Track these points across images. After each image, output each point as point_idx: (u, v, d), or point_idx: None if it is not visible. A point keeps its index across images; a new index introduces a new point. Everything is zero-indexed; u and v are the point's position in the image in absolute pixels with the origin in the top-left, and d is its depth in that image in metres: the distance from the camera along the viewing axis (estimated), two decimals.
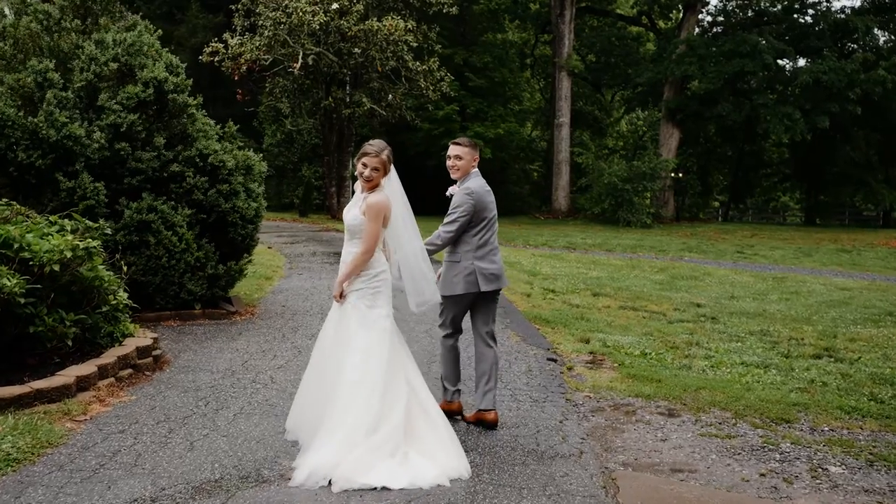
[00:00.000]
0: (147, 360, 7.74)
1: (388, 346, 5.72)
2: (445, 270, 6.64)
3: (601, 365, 8.88)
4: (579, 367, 8.71)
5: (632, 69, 47.45)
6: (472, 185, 6.61)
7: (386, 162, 5.81)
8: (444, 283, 6.58)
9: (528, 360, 8.88)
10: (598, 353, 9.47)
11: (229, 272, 10.71)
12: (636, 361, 9.05)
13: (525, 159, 52.31)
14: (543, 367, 8.62)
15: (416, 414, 5.70)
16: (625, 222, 36.91)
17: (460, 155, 6.62)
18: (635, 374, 8.32)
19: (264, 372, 7.94)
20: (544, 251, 24.21)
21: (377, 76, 31.90)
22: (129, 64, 10.19)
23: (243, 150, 11.34)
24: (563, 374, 8.38)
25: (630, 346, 9.96)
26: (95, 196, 9.54)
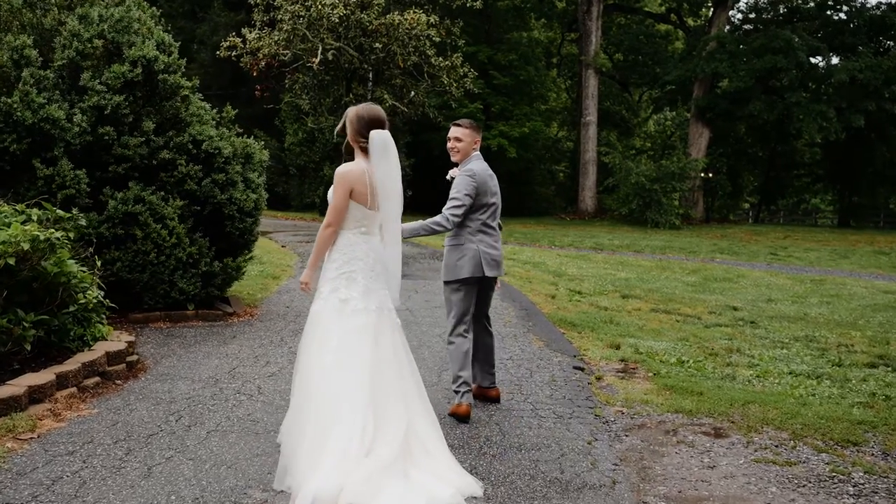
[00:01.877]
0: (119, 367, 6.84)
1: (371, 346, 4.83)
2: (448, 255, 6.35)
3: (634, 374, 7.91)
4: (609, 377, 7.73)
5: (660, 67, 46.86)
6: (473, 167, 6.31)
7: (353, 122, 5.08)
8: (447, 269, 6.34)
9: (552, 369, 7.91)
10: (629, 360, 8.49)
11: (226, 270, 9.80)
12: (673, 370, 8.07)
13: (551, 159, 51.77)
14: (569, 376, 7.64)
15: (420, 433, 4.79)
16: (653, 223, 36.13)
17: (460, 137, 6.37)
18: (673, 386, 7.33)
19: (252, 381, 7.02)
20: (570, 252, 23.29)
21: (399, 72, 31.10)
22: (117, 41, 9.31)
23: (242, 136, 10.42)
24: (592, 384, 7.40)
25: (665, 352, 8.99)
26: (76, 185, 8.66)
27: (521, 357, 8.38)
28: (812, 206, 62.90)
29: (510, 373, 7.67)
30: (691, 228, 36.75)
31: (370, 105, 5.15)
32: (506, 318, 10.76)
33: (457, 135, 6.34)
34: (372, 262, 5.03)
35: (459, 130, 6.35)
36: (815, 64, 41.47)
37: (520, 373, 7.69)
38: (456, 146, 6.34)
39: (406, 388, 4.91)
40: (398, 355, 4.97)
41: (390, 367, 4.86)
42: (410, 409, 4.83)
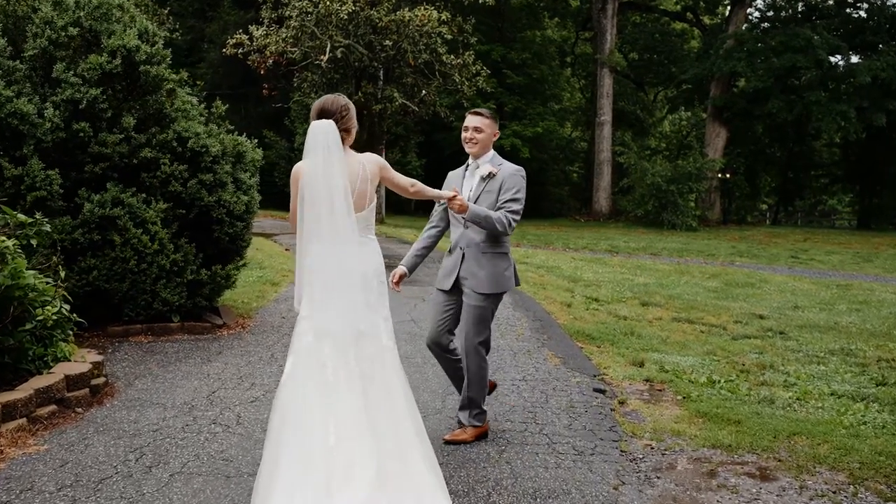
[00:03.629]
0: (80, 393, 6.06)
1: (305, 375, 4.17)
2: (494, 264, 5.62)
3: (661, 397, 7.09)
4: (634, 401, 6.92)
5: (676, 66, 46.03)
6: (508, 165, 5.74)
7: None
8: (495, 280, 5.63)
9: (570, 392, 7.09)
10: (655, 379, 7.68)
11: (214, 278, 9.02)
12: (704, 392, 7.25)
13: (565, 160, 51.11)
14: (589, 401, 6.82)
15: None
16: (669, 225, 35.33)
17: (481, 127, 5.67)
18: (706, 412, 6.51)
19: (232, 407, 6.23)
20: (585, 255, 22.47)
21: (410, 70, 30.31)
22: (95, 30, 8.54)
23: (232, 133, 9.64)
24: (615, 410, 6.59)
25: (692, 369, 8.19)
26: (47, 186, 7.89)
27: (535, 377, 7.57)
28: (829, 208, 61.89)
29: (523, 397, 6.86)
30: (708, 230, 35.90)
31: (326, 96, 4.61)
32: (518, 330, 9.97)
33: (476, 124, 5.65)
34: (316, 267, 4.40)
35: (480, 120, 5.67)
36: (835, 63, 40.49)
37: (534, 397, 6.88)
38: (475, 137, 5.65)
39: (378, 404, 4.20)
40: (375, 372, 4.29)
41: (337, 385, 4.18)
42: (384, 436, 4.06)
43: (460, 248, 5.63)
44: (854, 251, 27.00)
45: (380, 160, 4.66)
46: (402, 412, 4.21)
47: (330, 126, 4.36)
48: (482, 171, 5.63)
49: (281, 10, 28.81)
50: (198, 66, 45.90)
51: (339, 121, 4.46)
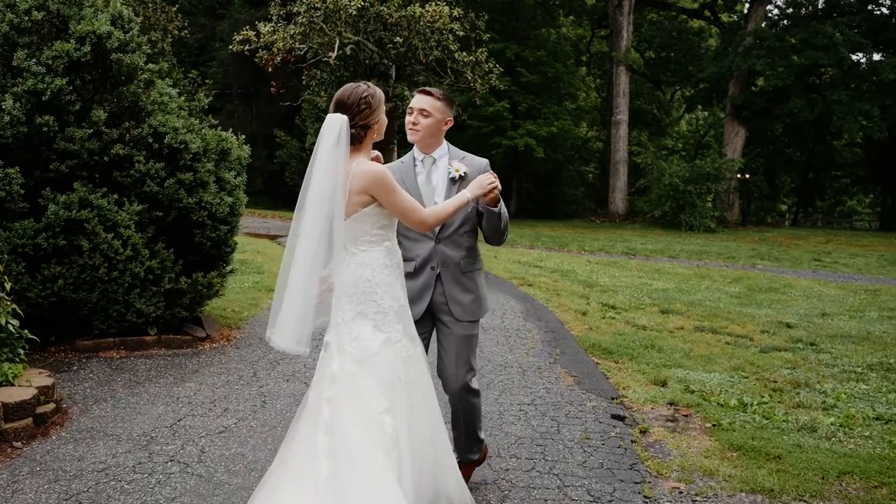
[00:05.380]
0: (22, 423, 5.29)
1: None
2: (476, 285, 4.65)
3: (687, 424, 6.27)
4: (657, 429, 6.11)
5: (693, 65, 45.21)
6: (474, 159, 4.67)
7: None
8: (480, 302, 4.67)
9: (585, 419, 6.27)
10: (680, 402, 6.86)
11: (195, 287, 8.24)
12: (735, 418, 6.43)
13: (580, 160, 50.36)
14: (607, 430, 6.00)
15: None
16: (687, 226, 34.55)
17: (428, 110, 4.49)
18: (740, 445, 5.69)
19: (196, 440, 5.44)
20: (601, 257, 21.65)
21: (421, 68, 29.55)
22: (63, 14, 7.77)
23: (216, 128, 8.85)
24: (636, 442, 5.77)
25: (720, 389, 7.38)
26: (6, 186, 7.13)
27: (546, 401, 6.75)
28: (849, 209, 60.82)
29: (531, 426, 6.04)
30: (727, 232, 35.06)
31: (347, 85, 3.95)
32: (529, 342, 9.16)
33: (423, 106, 4.47)
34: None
35: (427, 101, 4.48)
36: (857, 60, 39.50)
37: (544, 426, 6.06)
38: (418, 122, 4.48)
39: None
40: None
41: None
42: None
43: (432, 269, 4.53)
44: (879, 254, 26.11)
45: (376, 175, 3.84)
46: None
47: (342, 122, 3.79)
48: (452, 169, 4.54)
49: (290, 7, 28.16)
50: (209, 65, 45.43)
51: (355, 115, 3.82)
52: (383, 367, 3.82)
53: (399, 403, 3.78)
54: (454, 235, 4.50)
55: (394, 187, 3.86)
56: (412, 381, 3.89)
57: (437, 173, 4.58)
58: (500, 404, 6.57)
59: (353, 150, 3.86)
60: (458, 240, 4.52)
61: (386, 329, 3.90)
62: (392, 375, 3.82)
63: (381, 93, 3.96)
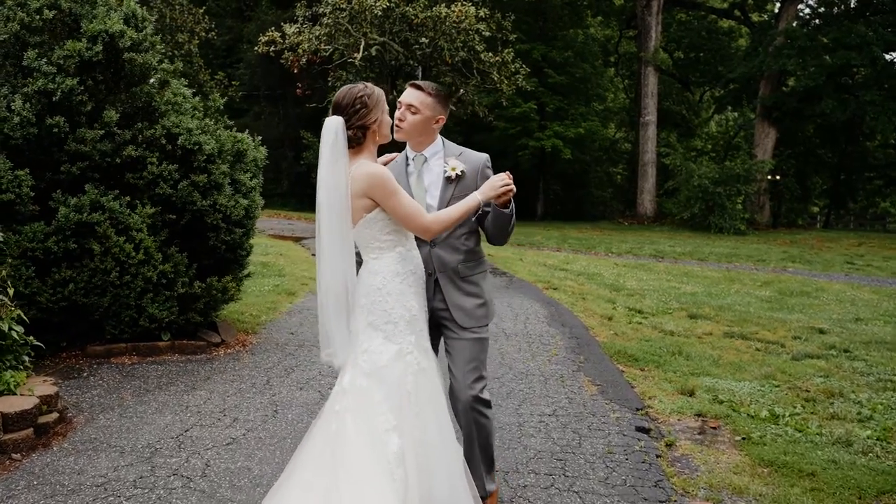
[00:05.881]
0: (22, 434, 5.11)
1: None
2: (479, 288, 4.28)
3: (716, 437, 6.00)
4: (684, 443, 5.84)
5: (723, 65, 44.66)
6: (471, 155, 4.27)
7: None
8: (485, 307, 4.30)
9: (609, 431, 6.01)
10: (708, 414, 6.58)
11: (210, 291, 8.05)
12: (766, 431, 6.15)
13: (608, 161, 49.99)
14: (631, 443, 5.74)
15: None
16: (716, 228, 34.07)
17: (416, 106, 4.12)
18: (772, 460, 5.41)
19: (202, 452, 5.24)
20: (628, 260, 21.32)
21: (448, 69, 29.35)
22: (75, 13, 7.62)
23: (231, 129, 8.67)
24: (662, 456, 5.51)
25: (750, 399, 7.09)
26: (16, 188, 6.98)
27: (567, 412, 6.49)
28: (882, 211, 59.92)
29: (552, 439, 5.78)
30: (758, 234, 34.57)
31: (343, 87, 3.80)
32: (552, 349, 8.90)
33: (411, 101, 4.12)
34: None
35: (417, 96, 4.12)
36: (891, 60, 38.87)
37: (565, 438, 5.80)
38: (405, 118, 4.12)
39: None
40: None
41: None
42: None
43: (428, 275, 4.18)
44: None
45: (374, 176, 3.67)
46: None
47: (338, 124, 3.67)
48: (448, 168, 4.17)
49: (315, 8, 28.07)
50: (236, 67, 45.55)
51: (350, 117, 3.69)
52: (393, 381, 3.63)
53: (408, 420, 3.59)
54: (450, 239, 4.16)
55: (393, 190, 3.65)
56: (423, 396, 3.68)
57: (429, 173, 4.23)
58: (520, 415, 6.32)
59: (353, 152, 3.69)
60: (454, 243, 4.18)
61: (397, 340, 3.71)
62: (401, 390, 3.63)
63: (379, 92, 3.76)
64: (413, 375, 3.68)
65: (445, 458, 3.65)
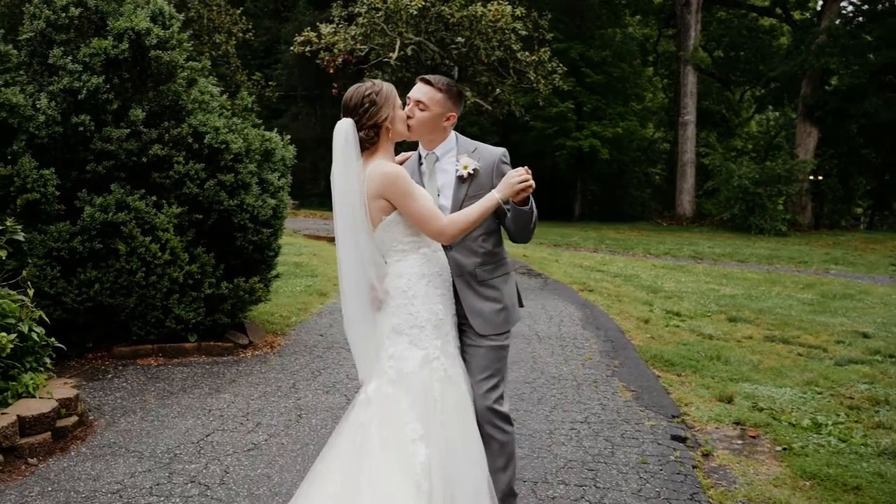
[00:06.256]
0: (39, 438, 5.00)
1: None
2: (499, 293, 3.95)
3: (755, 447, 5.76)
4: (721, 452, 5.60)
5: (764, 64, 43.94)
6: (486, 150, 3.95)
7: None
8: (505, 313, 3.95)
9: (643, 440, 5.79)
10: (747, 422, 6.34)
11: (237, 292, 7.93)
12: (808, 441, 5.89)
13: (647, 161, 49.50)
14: (666, 453, 5.52)
15: None
16: (757, 229, 33.59)
17: (425, 103, 3.81)
18: (814, 472, 5.16)
19: (222, 458, 5.10)
20: (667, 261, 20.99)
21: (484, 69, 29.16)
22: (101, 11, 7.53)
23: (259, 128, 8.54)
24: (698, 467, 5.28)
25: (792, 406, 6.83)
26: (41, 187, 6.90)
27: (600, 419, 6.28)
28: None
29: (583, 447, 5.57)
30: (799, 235, 34.01)
31: (351, 87, 3.65)
32: (586, 353, 8.68)
33: (419, 97, 3.81)
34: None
35: (426, 92, 3.82)
36: None
37: (597, 447, 5.59)
38: (413, 115, 3.81)
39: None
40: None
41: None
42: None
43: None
44: None
45: (388, 176, 3.50)
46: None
47: (347, 126, 3.53)
48: (460, 166, 3.86)
49: (351, 8, 28.02)
50: (273, 68, 45.75)
51: (361, 117, 3.53)
52: (418, 388, 3.47)
53: (434, 428, 3.42)
54: (466, 241, 3.85)
55: (408, 190, 3.47)
56: (449, 404, 3.51)
57: (442, 172, 3.94)
58: (551, 422, 6.12)
59: (368, 153, 3.52)
60: (471, 245, 3.87)
61: (423, 345, 3.54)
62: (427, 397, 3.46)
63: (388, 87, 3.58)
64: (439, 382, 3.51)
65: (470, 470, 3.48)
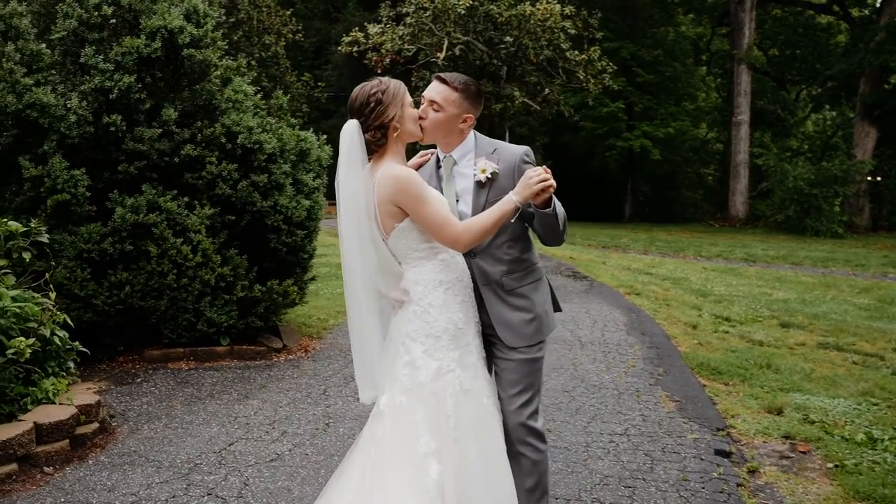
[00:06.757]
0: (56, 446, 4.87)
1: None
2: (530, 302, 3.64)
3: (805, 463, 5.45)
4: (769, 469, 5.30)
5: (820, 62, 43.16)
6: (506, 150, 3.62)
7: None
8: (538, 323, 3.64)
9: (685, 454, 5.50)
10: (797, 436, 6.01)
11: (270, 295, 7.78)
12: (862, 457, 5.56)
13: (699, 162, 48.74)
14: (709, 468, 5.23)
15: None
16: (812, 231, 32.87)
17: (439, 103, 3.49)
18: (868, 493, 4.85)
19: (243, 469, 4.93)
20: (718, 264, 20.55)
21: (532, 68, 28.88)
22: (135, 9, 7.43)
23: (295, 128, 8.39)
24: (743, 485, 4.99)
25: (845, 419, 6.49)
26: (72, 188, 6.82)
27: (640, 431, 6.00)
28: None
29: (621, 462, 5.30)
30: (856, 238, 33.23)
31: (358, 86, 3.40)
32: (629, 360, 8.40)
33: (433, 97, 3.50)
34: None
35: (441, 91, 3.51)
36: None
37: (636, 462, 5.31)
38: (426, 116, 3.50)
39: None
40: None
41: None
42: None
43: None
44: None
45: (399, 181, 3.27)
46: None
47: (353, 128, 3.29)
48: (477, 170, 3.54)
49: (399, 8, 27.94)
50: (324, 68, 45.90)
51: (367, 117, 3.29)
52: (431, 402, 3.24)
53: (447, 445, 3.20)
54: (490, 248, 3.57)
55: (420, 196, 3.24)
56: (465, 421, 3.28)
57: (461, 177, 3.63)
58: (588, 434, 5.86)
59: (376, 156, 3.30)
60: (495, 253, 3.58)
61: (438, 357, 3.31)
62: (439, 412, 3.24)
63: (397, 84, 3.35)
64: (453, 396, 3.28)
65: (487, 490, 3.24)
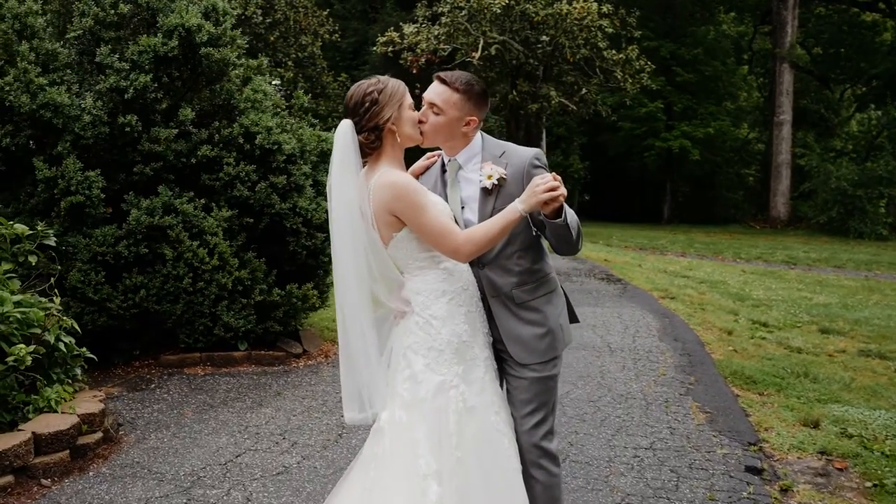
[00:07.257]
0: (55, 458, 4.70)
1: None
2: (543, 316, 3.39)
3: (842, 482, 5.15)
4: (803, 487, 5.01)
5: (865, 61, 42.31)
6: (515, 154, 3.33)
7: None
8: (551, 338, 3.39)
9: (713, 471, 5.22)
10: (834, 451, 5.70)
11: (289, 299, 7.61)
12: None
13: (740, 162, 47.97)
14: (738, 487, 4.94)
15: None
16: (856, 233, 32.25)
17: (439, 105, 3.26)
18: None
19: (246, 483, 4.73)
20: (758, 267, 20.13)
21: (569, 68, 28.58)
22: (152, 7, 7.29)
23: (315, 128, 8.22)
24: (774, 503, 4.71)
25: (886, 433, 6.18)
26: (86, 189, 6.68)
27: (668, 445, 5.72)
28: None
29: (644, 479, 5.03)
30: None
31: (354, 85, 3.22)
32: (660, 368, 8.11)
33: (433, 99, 3.27)
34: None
35: (441, 92, 3.28)
36: None
37: (660, 479, 5.04)
38: (426, 119, 3.28)
39: None
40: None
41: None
42: None
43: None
44: None
45: (395, 188, 3.08)
46: None
47: (346, 128, 3.11)
48: (483, 176, 3.28)
49: (435, 7, 27.78)
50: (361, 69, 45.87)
51: (361, 117, 3.10)
52: (433, 419, 3.03)
53: (449, 465, 2.98)
54: (499, 259, 3.33)
55: (418, 204, 3.02)
56: (468, 439, 3.07)
57: (467, 182, 3.38)
58: (612, 447, 5.60)
59: (371, 160, 3.09)
60: (504, 264, 3.34)
61: (440, 371, 3.10)
62: (441, 430, 3.02)
63: (395, 84, 3.13)
64: (456, 414, 3.06)
65: None
